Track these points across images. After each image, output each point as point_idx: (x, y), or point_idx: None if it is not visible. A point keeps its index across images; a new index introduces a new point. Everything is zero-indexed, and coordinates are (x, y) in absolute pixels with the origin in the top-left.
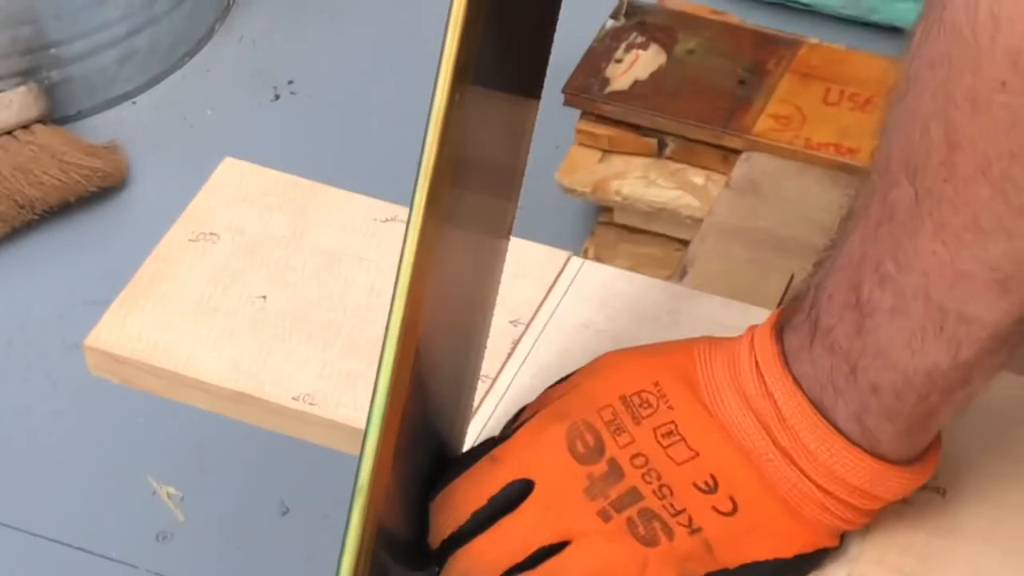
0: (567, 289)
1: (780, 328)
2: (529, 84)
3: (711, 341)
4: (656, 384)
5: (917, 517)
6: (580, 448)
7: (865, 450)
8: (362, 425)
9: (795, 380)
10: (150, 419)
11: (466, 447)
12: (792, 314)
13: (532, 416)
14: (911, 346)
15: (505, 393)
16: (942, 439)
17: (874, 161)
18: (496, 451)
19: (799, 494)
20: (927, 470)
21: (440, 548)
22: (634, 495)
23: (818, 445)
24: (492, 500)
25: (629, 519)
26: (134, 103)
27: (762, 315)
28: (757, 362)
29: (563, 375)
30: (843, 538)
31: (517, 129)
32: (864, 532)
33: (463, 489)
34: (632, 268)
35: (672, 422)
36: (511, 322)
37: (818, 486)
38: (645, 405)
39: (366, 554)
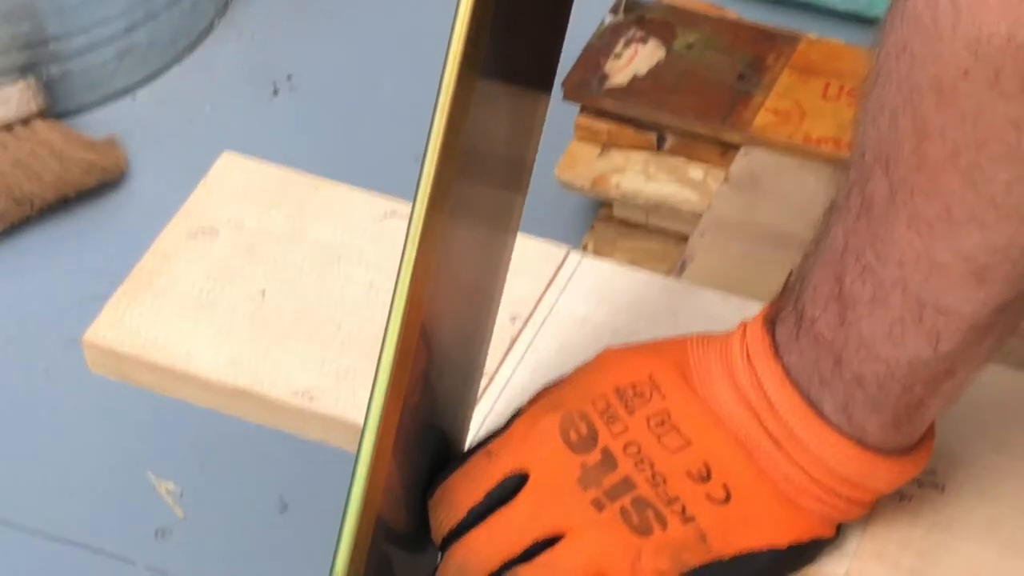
0: (566, 284)
1: (772, 319)
2: (539, 78)
3: (706, 335)
4: (650, 376)
5: (916, 512)
6: (573, 437)
7: (853, 441)
8: (361, 421)
9: (785, 370)
10: (149, 415)
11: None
12: (782, 306)
13: (528, 407)
14: (892, 338)
15: (504, 388)
16: (935, 431)
17: (851, 152)
18: (491, 445)
19: (792, 483)
20: (919, 462)
21: (442, 544)
22: (627, 484)
23: (806, 434)
24: (489, 495)
25: (622, 508)
26: (133, 98)
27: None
28: (748, 353)
29: (562, 370)
30: (840, 531)
31: (526, 123)
32: (863, 527)
33: (460, 485)
34: (631, 263)
35: (665, 411)
36: (510, 317)
37: (809, 475)
38: (638, 395)
39: (367, 522)
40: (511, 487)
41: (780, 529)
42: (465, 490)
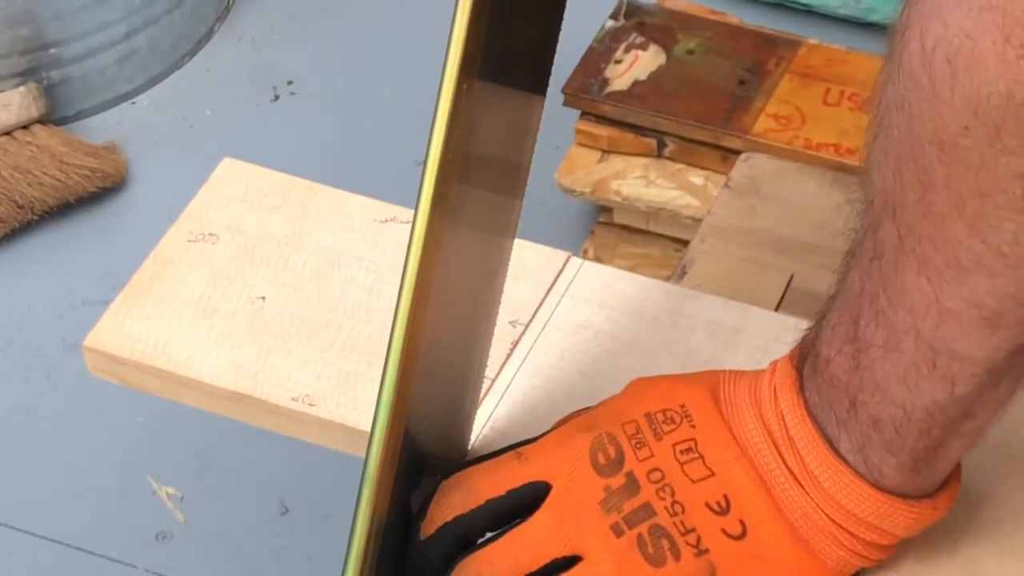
0: (566, 289)
1: (803, 355)
2: (534, 81)
3: (740, 370)
4: (683, 405)
5: None
6: (601, 460)
7: (869, 482)
8: (361, 425)
9: (807, 407)
10: (150, 419)
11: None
12: (810, 343)
13: (561, 425)
14: (907, 382)
15: (505, 393)
16: (961, 476)
17: (863, 196)
18: (523, 449)
19: (809, 522)
20: (940, 506)
21: (439, 531)
22: (647, 510)
23: (823, 472)
24: (511, 493)
25: (639, 536)
26: (133, 103)
27: (761, 315)
28: (776, 387)
29: (562, 375)
30: None
31: (523, 126)
32: None
33: (484, 475)
34: (631, 268)
35: (692, 439)
36: (510, 322)
37: (826, 514)
38: (668, 422)
39: (375, 530)
40: (533, 495)
41: (791, 572)
42: (488, 481)
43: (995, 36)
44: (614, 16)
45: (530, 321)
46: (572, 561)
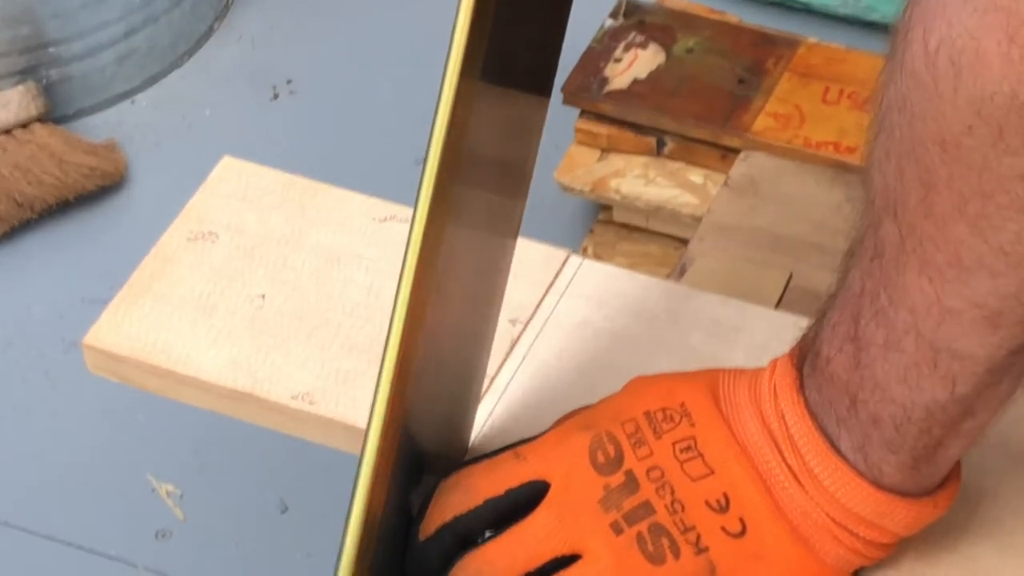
0: (566, 288)
1: (803, 354)
2: (538, 82)
3: (739, 369)
4: (682, 403)
5: None
6: (600, 458)
7: (869, 480)
8: (360, 423)
9: (807, 405)
10: (149, 417)
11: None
12: (810, 341)
13: (559, 424)
14: (907, 381)
15: (504, 391)
16: (960, 474)
17: (864, 194)
18: (522, 448)
19: (809, 520)
20: (940, 504)
21: (439, 531)
22: (647, 508)
23: (823, 471)
24: (509, 492)
25: (639, 534)
26: (133, 102)
27: (760, 314)
28: (775, 385)
29: (562, 374)
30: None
31: (526, 128)
32: None
33: (482, 475)
34: (631, 266)
35: (692, 437)
36: (510, 321)
37: (825, 513)
38: (667, 420)
39: (369, 530)
40: (532, 494)
41: (791, 571)
42: (487, 481)
43: (999, 37)
44: (614, 15)
45: (529, 319)
46: (571, 559)
